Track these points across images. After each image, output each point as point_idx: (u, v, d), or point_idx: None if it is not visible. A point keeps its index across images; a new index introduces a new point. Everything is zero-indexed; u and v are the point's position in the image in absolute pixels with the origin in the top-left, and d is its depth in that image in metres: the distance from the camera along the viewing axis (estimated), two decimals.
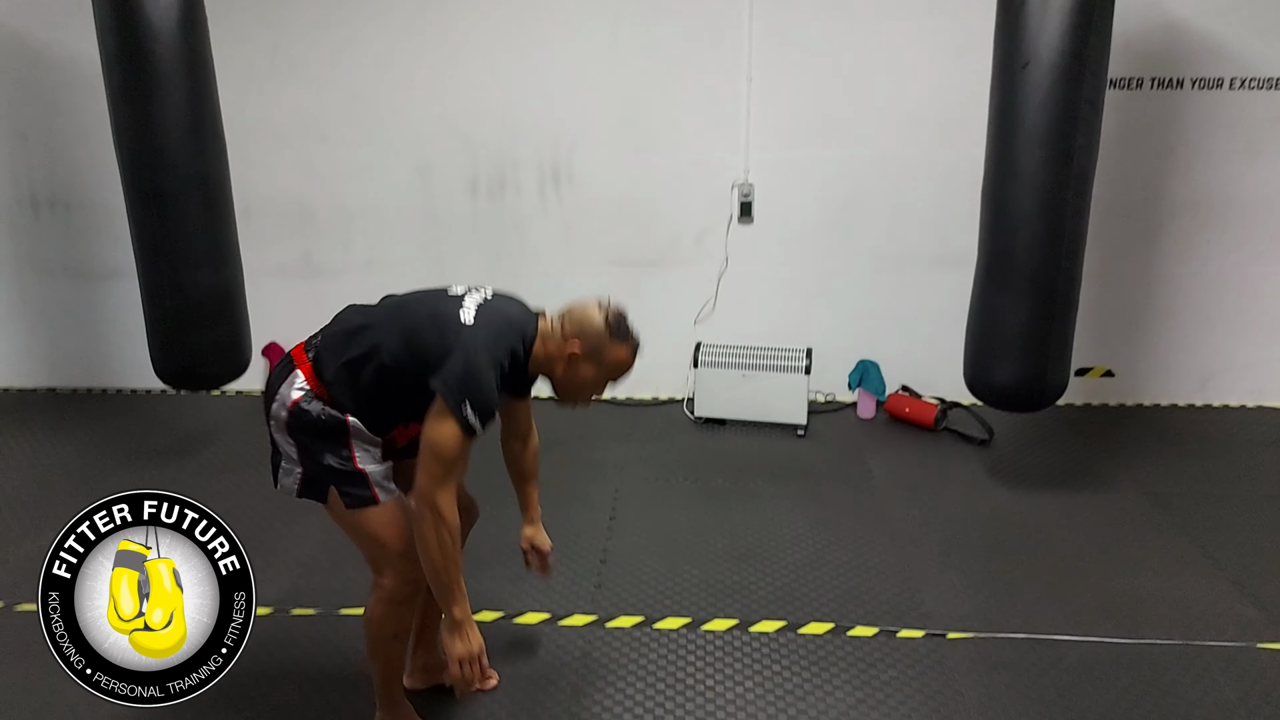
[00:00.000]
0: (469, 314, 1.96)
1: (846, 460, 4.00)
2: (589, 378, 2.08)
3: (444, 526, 1.87)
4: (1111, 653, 2.63)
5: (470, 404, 1.85)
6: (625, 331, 2.08)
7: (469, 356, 1.88)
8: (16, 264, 4.87)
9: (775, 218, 4.49)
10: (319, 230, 4.69)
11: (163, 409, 4.74)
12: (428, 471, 1.88)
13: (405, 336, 1.96)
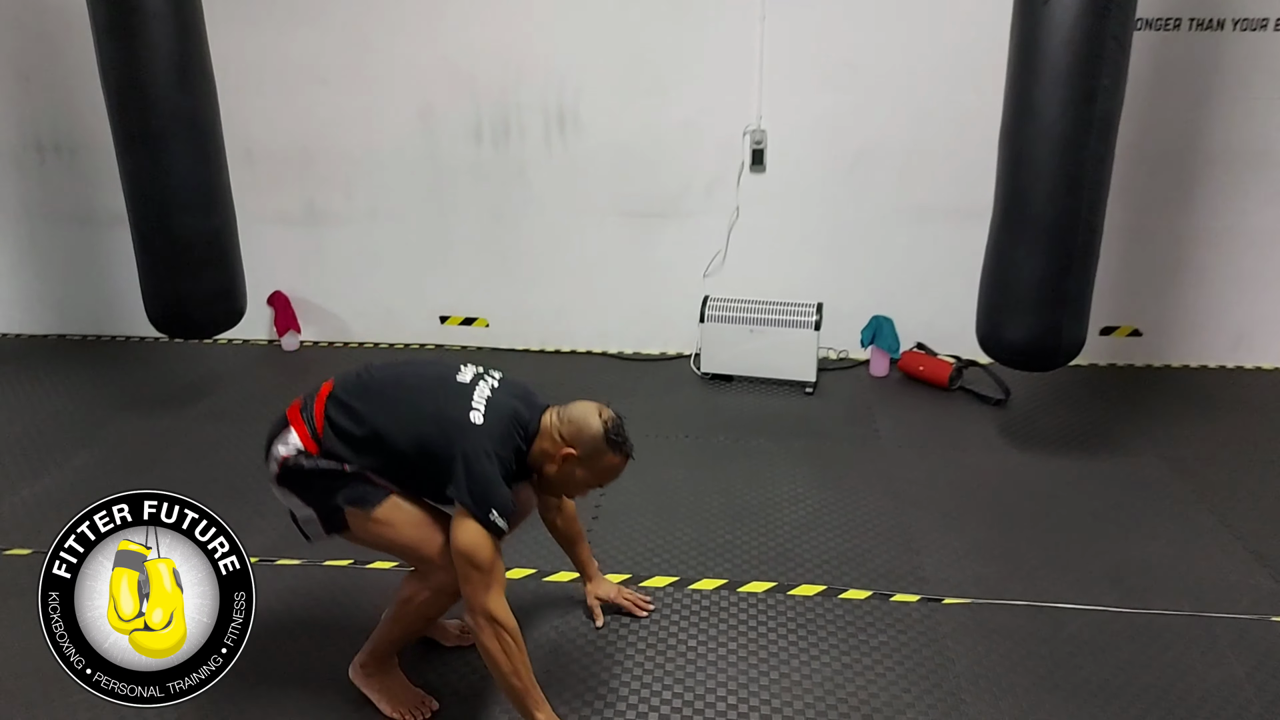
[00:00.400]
0: (478, 414, 1.97)
1: (854, 419, 3.87)
2: (579, 480, 2.10)
3: (505, 633, 1.90)
4: (1116, 623, 2.51)
5: (496, 510, 1.90)
6: (622, 442, 2.08)
7: (483, 464, 1.90)
8: (24, 209, 4.84)
9: (788, 166, 4.31)
10: (321, 177, 4.59)
11: (165, 356, 4.71)
12: (472, 583, 1.90)
13: (413, 433, 1.98)
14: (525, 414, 2.05)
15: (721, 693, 2.26)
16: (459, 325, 4.76)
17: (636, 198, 4.44)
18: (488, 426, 1.95)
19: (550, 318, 4.68)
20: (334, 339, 4.87)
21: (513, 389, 2.11)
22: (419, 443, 1.97)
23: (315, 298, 4.81)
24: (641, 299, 4.59)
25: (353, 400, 2.04)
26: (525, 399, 2.10)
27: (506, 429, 1.98)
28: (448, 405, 1.98)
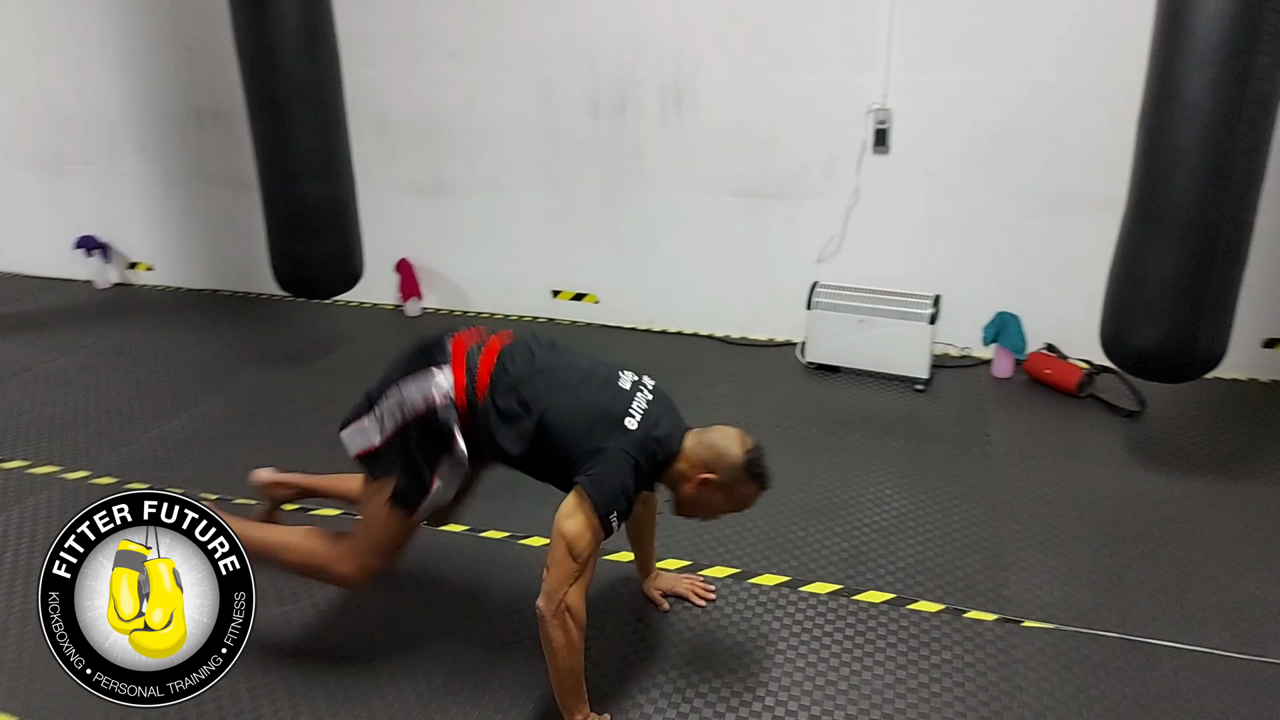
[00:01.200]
0: (634, 420, 1.98)
1: (965, 421, 3.63)
2: (715, 504, 2.06)
3: (575, 628, 1.87)
4: (1221, 667, 2.23)
5: (616, 514, 1.89)
6: (761, 474, 2.03)
7: (623, 466, 1.91)
8: (186, 173, 5.24)
9: (914, 148, 4.07)
10: (446, 148, 4.71)
11: (298, 315, 5.00)
12: (562, 569, 1.87)
13: (573, 412, 1.98)
14: (668, 431, 2.04)
15: (761, 692, 2.17)
16: (570, 300, 4.80)
17: (751, 177, 4.31)
18: (638, 434, 1.96)
19: (659, 297, 4.64)
20: (453, 307, 5.02)
21: (663, 403, 2.11)
22: (574, 432, 1.96)
23: (437, 266, 4.96)
24: (751, 282, 4.46)
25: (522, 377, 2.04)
26: (671, 416, 2.10)
27: (650, 443, 1.98)
28: (610, 404, 2.00)
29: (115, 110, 5.20)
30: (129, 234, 5.52)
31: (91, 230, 5.50)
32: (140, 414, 3.74)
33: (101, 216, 5.49)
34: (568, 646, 1.88)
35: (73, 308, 5.19)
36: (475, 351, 2.09)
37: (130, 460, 3.35)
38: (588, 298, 4.77)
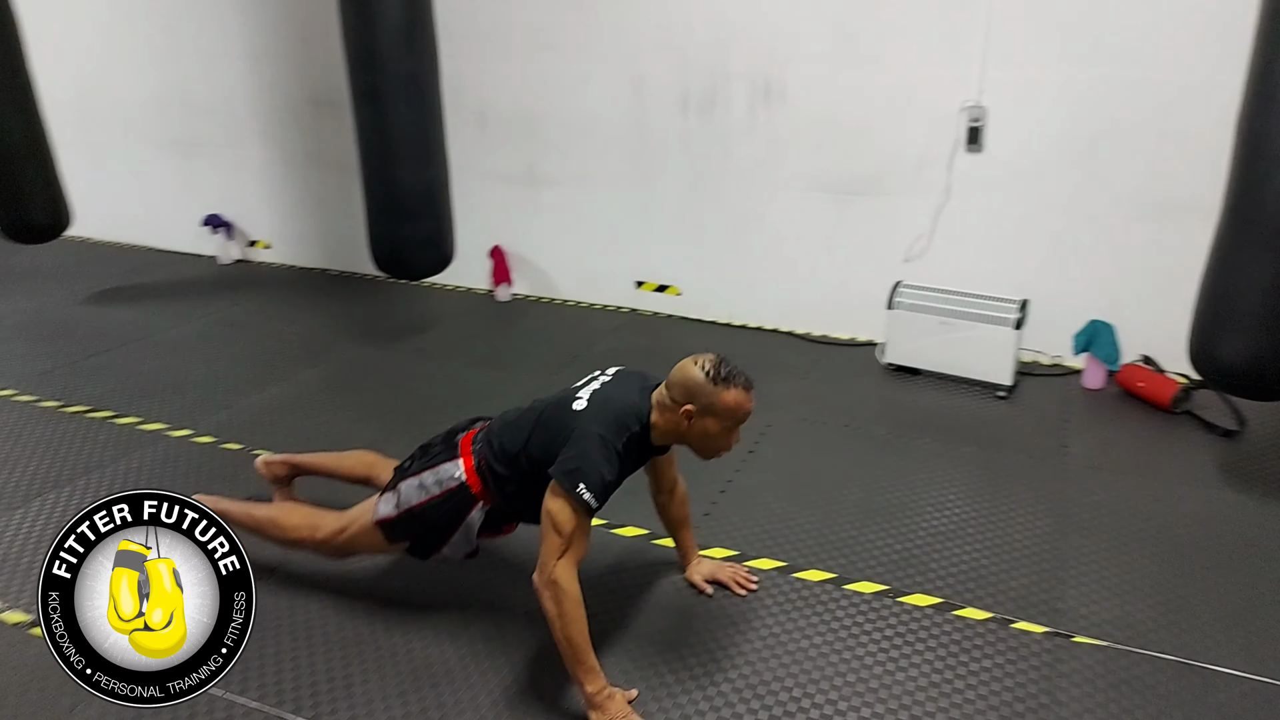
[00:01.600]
0: (581, 402, 2.11)
1: (1045, 431, 3.50)
2: (714, 430, 2.11)
3: (566, 599, 1.97)
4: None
5: (585, 485, 1.98)
6: (729, 375, 2.08)
7: (581, 441, 2.02)
8: (303, 157, 5.55)
9: (1010, 147, 3.94)
10: (541, 140, 4.84)
11: (396, 296, 5.22)
12: (548, 545, 2.00)
13: (542, 437, 2.14)
14: (632, 398, 2.13)
15: (790, 683, 2.18)
16: (653, 291, 4.85)
17: (838, 174, 4.26)
18: (590, 411, 2.07)
19: (740, 291, 4.64)
20: (542, 294, 5.15)
21: (626, 380, 2.20)
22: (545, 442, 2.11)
23: (528, 253, 5.10)
24: (835, 279, 4.42)
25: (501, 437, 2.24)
26: (640, 386, 2.18)
27: (615, 415, 2.07)
28: (561, 405, 2.14)
29: (241, 98, 5.56)
30: (251, 213, 5.88)
31: (218, 209, 5.89)
32: (243, 381, 4.01)
33: (227, 196, 5.88)
34: (560, 617, 1.97)
35: (196, 281, 5.58)
36: (480, 440, 2.29)
37: (228, 423, 3.59)
38: (670, 289, 4.82)
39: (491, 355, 4.30)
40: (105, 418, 3.62)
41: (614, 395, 2.13)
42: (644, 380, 2.21)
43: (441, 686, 2.18)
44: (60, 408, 3.72)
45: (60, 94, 5.68)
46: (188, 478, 3.15)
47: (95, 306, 5.03)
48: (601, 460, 2.01)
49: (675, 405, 2.08)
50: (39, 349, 4.38)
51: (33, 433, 3.49)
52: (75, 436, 3.46)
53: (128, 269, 5.76)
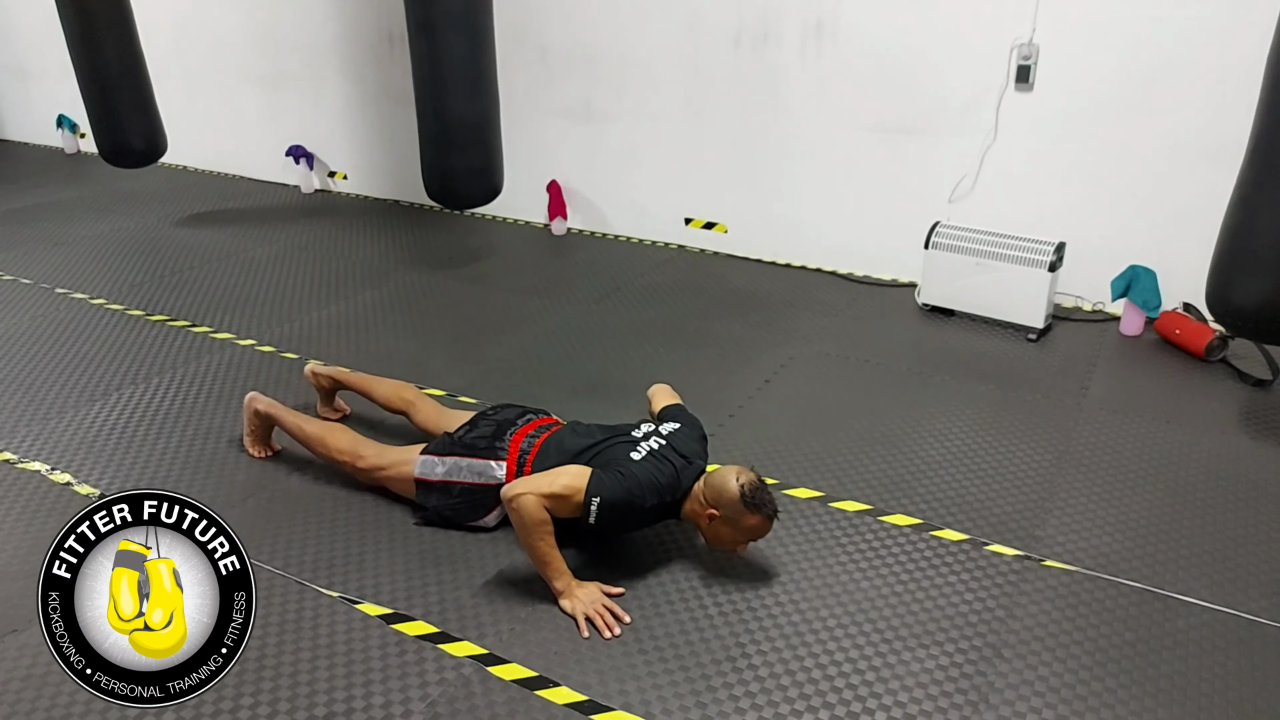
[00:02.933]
0: (639, 454, 2.34)
1: (1068, 374, 3.49)
2: (727, 536, 2.30)
3: (526, 516, 2.19)
4: (1244, 630, 2.15)
5: (599, 502, 2.20)
6: (759, 503, 2.24)
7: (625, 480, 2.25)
8: (377, 91, 5.80)
9: (1061, 86, 3.86)
10: (599, 76, 4.95)
11: (457, 227, 5.46)
12: (538, 480, 2.23)
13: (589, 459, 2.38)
14: (682, 473, 2.34)
15: (760, 588, 2.32)
16: (701, 229, 4.95)
17: (887, 112, 4.25)
18: (641, 465, 2.30)
19: (785, 229, 4.69)
20: (594, 229, 5.31)
21: (681, 444, 2.41)
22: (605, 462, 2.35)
23: (583, 189, 5.25)
24: (880, 219, 4.43)
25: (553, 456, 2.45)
26: (690, 457, 2.39)
27: (655, 481, 2.27)
28: (613, 453, 2.37)
29: (323, 33, 5.82)
30: (330, 145, 6.19)
31: (300, 140, 6.22)
32: (307, 299, 4.31)
33: (308, 129, 6.20)
34: (521, 528, 2.22)
35: (278, 208, 5.93)
36: (528, 445, 2.51)
37: (289, 335, 3.90)
38: (717, 227, 4.90)
39: (539, 285, 4.49)
40: (182, 326, 3.98)
41: (666, 464, 2.32)
42: (695, 454, 2.41)
43: (443, 567, 2.41)
44: (145, 315, 4.09)
45: (158, 26, 6.07)
46: (246, 381, 3.46)
47: (185, 228, 5.43)
48: (628, 503, 2.23)
49: (704, 504, 2.29)
50: (132, 264, 4.79)
51: (118, 336, 3.87)
52: (154, 341, 3.82)
53: (217, 195, 6.17)
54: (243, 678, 2.03)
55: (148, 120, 5.33)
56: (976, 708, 1.94)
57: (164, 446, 3.00)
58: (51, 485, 2.78)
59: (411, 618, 2.22)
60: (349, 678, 2.03)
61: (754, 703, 1.96)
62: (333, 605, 2.26)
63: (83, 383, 3.44)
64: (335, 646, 2.13)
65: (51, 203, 5.98)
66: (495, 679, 2.03)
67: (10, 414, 3.21)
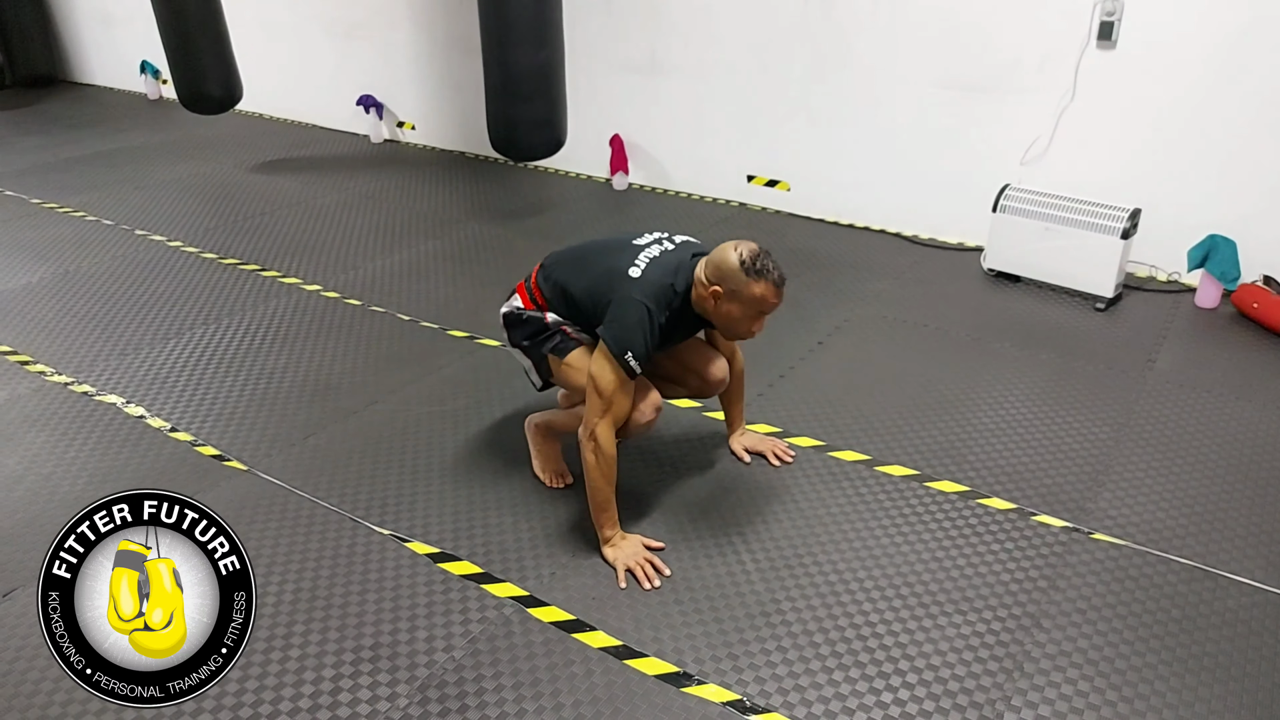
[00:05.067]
0: (637, 269, 2.23)
1: (1135, 345, 3.39)
2: (736, 315, 2.22)
3: (602, 454, 2.18)
4: None
5: (631, 353, 2.14)
6: (762, 268, 2.15)
7: (630, 310, 2.16)
8: (447, 41, 5.83)
9: (1145, 43, 3.69)
10: (665, 27, 4.88)
11: (520, 180, 5.49)
12: (592, 404, 2.19)
13: (586, 284, 2.30)
14: (673, 267, 2.25)
15: (800, 546, 2.33)
16: (763, 186, 4.89)
17: (959, 68, 4.12)
18: (644, 281, 2.20)
19: (849, 189, 4.61)
20: (656, 184, 5.28)
21: (686, 249, 2.32)
22: (590, 293, 2.28)
23: (645, 143, 5.22)
24: (948, 181, 4.31)
25: (552, 267, 2.42)
26: (690, 254, 2.30)
27: (664, 289, 2.20)
28: (617, 261, 2.27)
29: None
30: (399, 95, 6.26)
31: (371, 90, 6.31)
32: (372, 247, 4.41)
33: (379, 78, 6.27)
34: (595, 468, 2.19)
35: (348, 157, 6.04)
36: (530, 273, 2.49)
37: (353, 281, 4.00)
38: (780, 184, 4.84)
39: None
40: (252, 270, 4.11)
41: (666, 265, 2.24)
42: (699, 253, 2.32)
43: (490, 511, 2.48)
44: (218, 259, 4.24)
45: None
46: (311, 324, 3.57)
47: (258, 175, 5.58)
48: (645, 331, 2.16)
49: (706, 284, 2.20)
50: (207, 208, 4.95)
51: (192, 278, 4.02)
52: (226, 283, 3.95)
53: (289, 143, 6.31)
54: (295, 608, 2.13)
55: (225, 68, 5.45)
56: (1010, 675, 1.94)
57: (231, 385, 3.13)
58: (126, 418, 2.93)
59: (457, 557, 2.29)
60: (395, 612, 2.12)
61: (785, 658, 1.98)
62: (383, 542, 2.35)
63: (158, 322, 3.59)
64: (384, 582, 2.22)
65: (134, 147, 6.20)
66: (534, 620, 2.09)
67: (90, 349, 3.37)
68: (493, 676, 1.94)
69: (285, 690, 1.92)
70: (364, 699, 1.90)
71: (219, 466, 2.68)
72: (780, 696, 1.89)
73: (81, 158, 5.93)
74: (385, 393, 3.07)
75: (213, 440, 2.81)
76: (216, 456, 2.73)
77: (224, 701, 1.90)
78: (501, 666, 1.97)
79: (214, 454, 2.74)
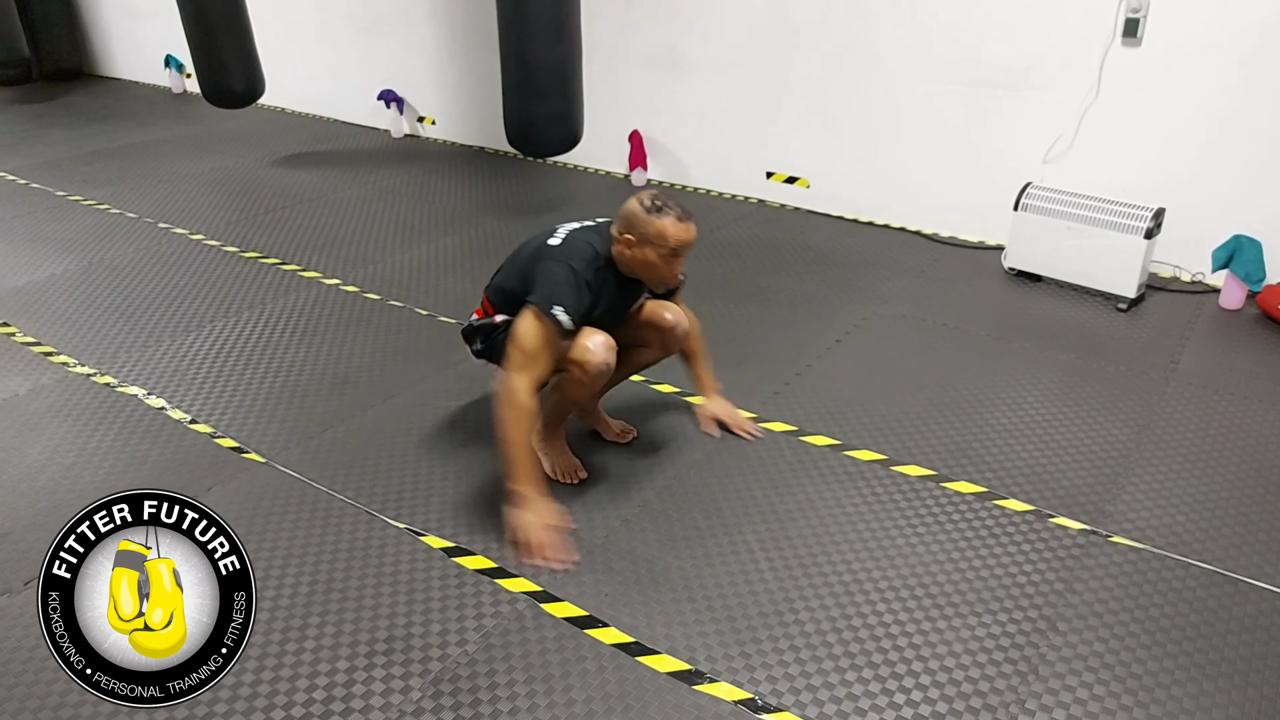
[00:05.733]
0: (556, 238, 2.38)
1: (1156, 347, 3.35)
2: (653, 259, 2.34)
3: (512, 407, 2.23)
4: None
5: (560, 306, 2.23)
6: (662, 206, 2.30)
7: (554, 270, 2.29)
8: (467, 36, 5.84)
9: (1171, 43, 3.64)
10: (685, 22, 4.87)
11: (539, 175, 5.49)
12: (512, 362, 2.27)
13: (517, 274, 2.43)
14: (594, 231, 2.42)
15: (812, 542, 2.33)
16: (782, 182, 4.87)
17: (981, 65, 4.08)
18: (564, 246, 2.34)
19: (870, 186, 4.58)
20: (674, 180, 5.27)
21: (607, 223, 2.45)
22: (522, 277, 2.39)
23: (664, 139, 5.21)
24: (969, 179, 4.28)
25: (495, 276, 2.56)
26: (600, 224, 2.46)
27: (585, 248, 2.34)
28: (535, 241, 2.43)
29: None
30: (419, 90, 6.28)
31: (391, 85, 6.33)
32: (390, 242, 4.43)
33: (399, 73, 6.29)
34: (502, 421, 2.25)
35: (368, 151, 6.07)
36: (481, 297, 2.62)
37: (372, 276, 4.02)
38: (799, 181, 4.82)
39: None
40: (272, 264, 4.14)
41: (589, 234, 2.39)
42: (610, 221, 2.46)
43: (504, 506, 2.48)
44: (239, 252, 4.27)
45: None
46: (330, 318, 3.59)
47: (279, 168, 5.61)
48: (572, 285, 2.26)
49: (618, 235, 2.34)
50: (228, 202, 4.99)
51: (214, 271, 4.05)
52: (246, 277, 3.98)
53: (310, 137, 6.34)
54: (311, 600, 2.15)
55: (247, 62, 5.49)
56: (1025, 678, 1.92)
57: (250, 378, 3.15)
58: (148, 409, 2.96)
59: (472, 552, 2.30)
60: (410, 605, 2.13)
61: (798, 657, 1.98)
62: (399, 536, 2.36)
63: (180, 314, 3.63)
64: (399, 575, 2.23)
65: (157, 140, 6.25)
66: (547, 615, 2.10)
67: (113, 341, 3.41)
68: (505, 671, 1.95)
69: (300, 681, 1.94)
70: (377, 691, 1.91)
71: (237, 458, 2.71)
72: (792, 696, 1.89)
73: (106, 151, 5.99)
74: (403, 387, 3.09)
75: (232, 432, 2.83)
76: (235, 448, 2.75)
77: (239, 692, 1.92)
78: (514, 661, 1.98)
79: (233, 446, 2.77)
